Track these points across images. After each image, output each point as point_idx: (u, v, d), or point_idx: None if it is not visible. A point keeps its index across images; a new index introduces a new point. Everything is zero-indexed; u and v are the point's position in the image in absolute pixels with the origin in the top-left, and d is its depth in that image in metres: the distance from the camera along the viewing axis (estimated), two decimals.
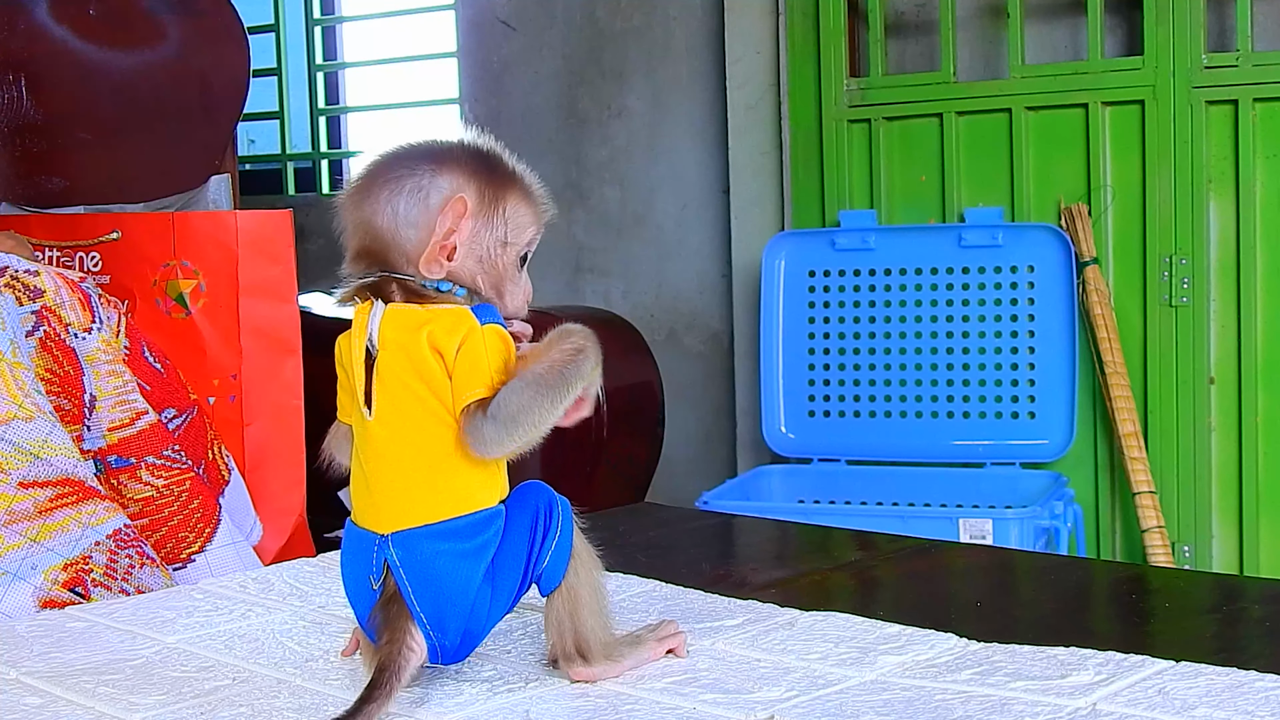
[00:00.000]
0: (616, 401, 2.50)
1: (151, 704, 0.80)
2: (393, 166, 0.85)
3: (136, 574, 1.13)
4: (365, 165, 0.86)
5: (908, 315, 2.65)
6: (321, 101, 3.95)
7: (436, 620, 0.79)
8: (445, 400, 0.81)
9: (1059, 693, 0.75)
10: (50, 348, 1.21)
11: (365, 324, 0.82)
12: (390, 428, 0.81)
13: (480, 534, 0.80)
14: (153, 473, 1.24)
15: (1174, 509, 2.51)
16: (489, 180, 0.86)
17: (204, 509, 1.26)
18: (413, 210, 0.83)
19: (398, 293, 0.83)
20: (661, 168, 3.18)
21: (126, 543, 1.13)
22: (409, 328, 0.81)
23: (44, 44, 2.21)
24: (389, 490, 0.80)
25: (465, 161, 0.85)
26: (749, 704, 0.76)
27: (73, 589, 1.08)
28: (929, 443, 2.62)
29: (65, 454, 1.13)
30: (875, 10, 2.71)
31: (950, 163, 2.67)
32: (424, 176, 0.84)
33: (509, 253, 0.86)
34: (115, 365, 1.26)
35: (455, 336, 0.81)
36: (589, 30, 3.26)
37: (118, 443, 1.23)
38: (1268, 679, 0.75)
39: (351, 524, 0.83)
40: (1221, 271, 2.49)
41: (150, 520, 1.23)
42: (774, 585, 1.05)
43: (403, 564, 0.79)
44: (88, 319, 1.25)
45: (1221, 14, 2.51)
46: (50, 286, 1.24)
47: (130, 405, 1.25)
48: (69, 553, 1.09)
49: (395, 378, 0.81)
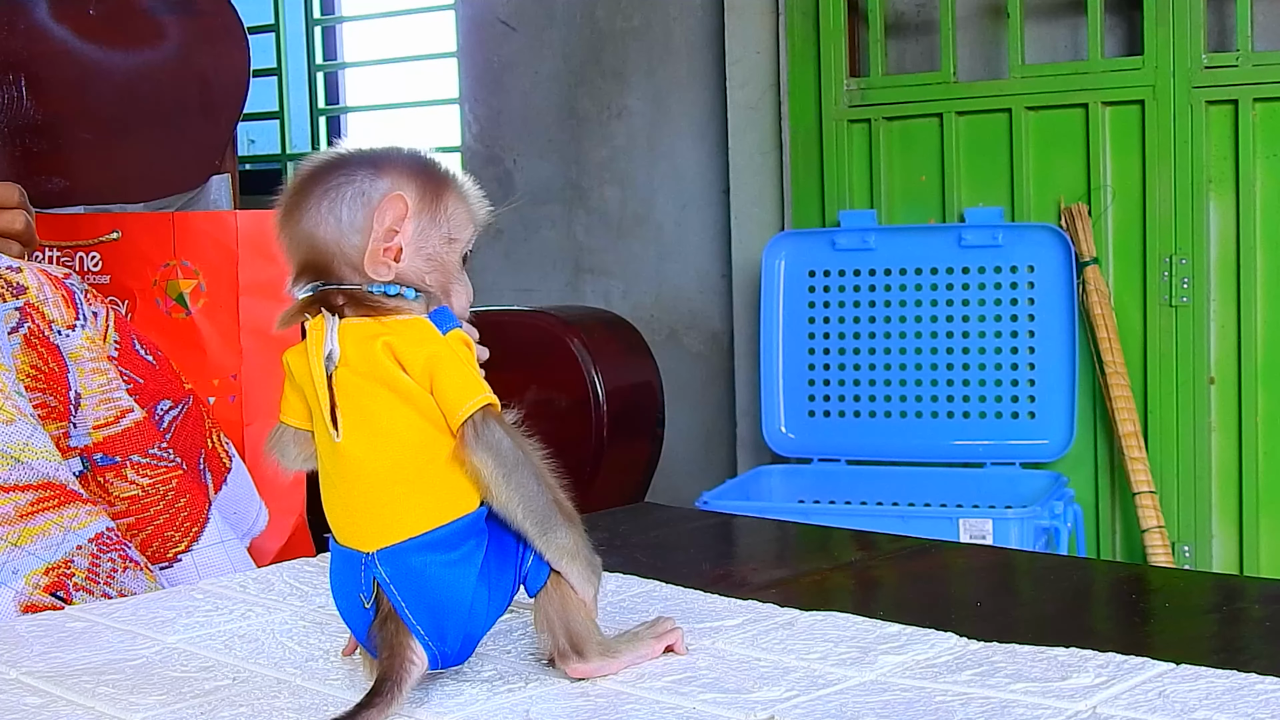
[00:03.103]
0: (616, 401, 2.50)
1: (151, 704, 0.80)
2: (329, 175, 0.81)
3: (119, 577, 1.12)
4: (298, 177, 0.82)
5: (908, 315, 2.65)
6: (321, 101, 3.95)
7: (436, 631, 0.78)
8: (418, 408, 0.78)
9: (1059, 695, 0.75)
10: (34, 344, 1.19)
11: (321, 340, 0.79)
12: (362, 444, 0.78)
13: (467, 539, 0.79)
14: (138, 471, 1.22)
15: (1174, 509, 2.51)
16: (427, 179, 0.83)
17: (191, 508, 1.24)
18: (356, 216, 0.80)
19: (348, 305, 0.80)
20: (661, 168, 3.18)
21: (109, 546, 1.12)
22: (365, 338, 0.78)
23: (44, 44, 2.21)
24: (368, 508, 0.78)
25: (401, 163, 0.82)
26: (749, 704, 0.76)
27: (54, 593, 1.07)
28: (929, 443, 2.62)
29: (46, 457, 1.12)
30: (875, 10, 2.71)
31: (950, 163, 2.67)
32: (363, 181, 0.81)
33: (454, 250, 0.84)
34: (99, 363, 1.24)
35: (421, 348, 0.78)
36: (589, 30, 3.26)
37: (103, 440, 1.22)
38: (1268, 681, 0.75)
39: (335, 543, 0.80)
40: (1221, 271, 2.49)
41: (136, 519, 1.22)
42: (774, 585, 1.05)
43: (393, 580, 0.77)
44: (71, 316, 1.24)
45: (1221, 14, 2.51)
46: (33, 283, 1.22)
47: (115, 403, 1.23)
48: (50, 557, 1.08)
49: (361, 392, 0.78)
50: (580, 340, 2.50)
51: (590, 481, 2.45)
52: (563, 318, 2.57)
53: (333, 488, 0.80)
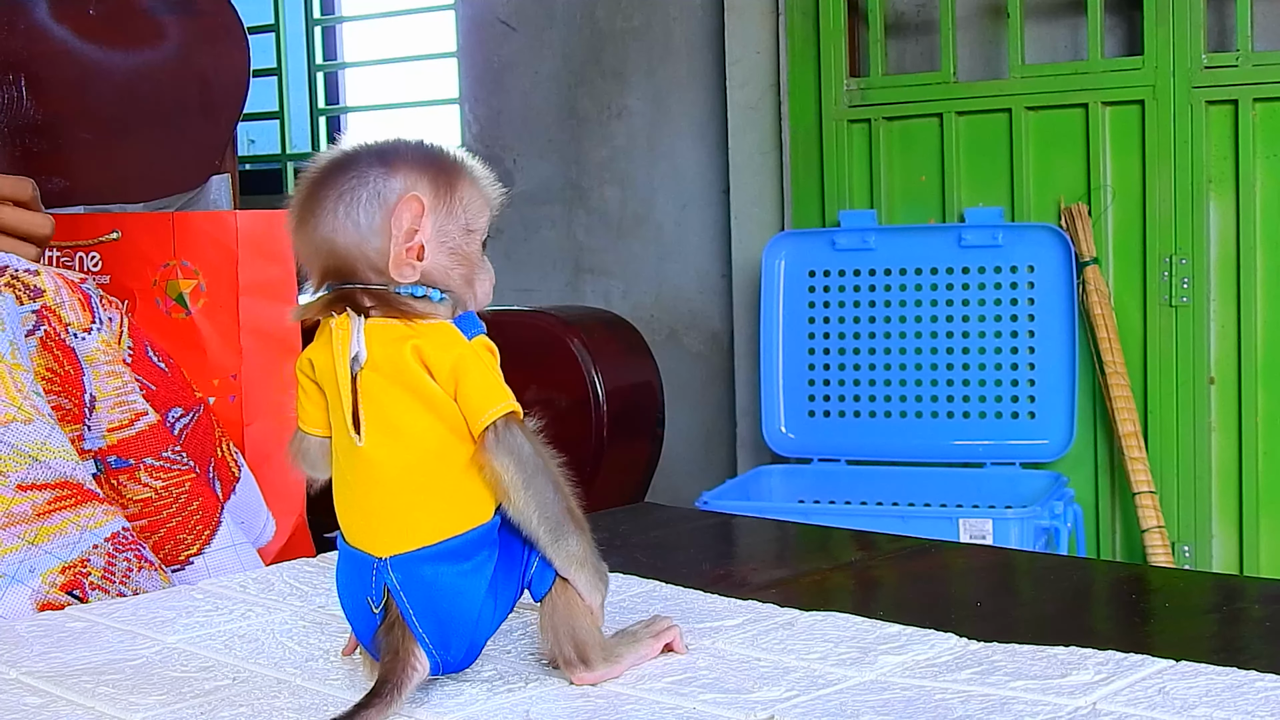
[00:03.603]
0: (616, 401, 2.50)
1: (151, 704, 0.80)
2: (340, 177, 0.79)
3: (134, 577, 1.12)
4: (308, 179, 0.80)
5: (908, 315, 2.65)
6: (321, 101, 3.95)
7: (441, 640, 0.78)
8: (441, 414, 0.77)
9: (1059, 692, 0.75)
10: (50, 347, 1.20)
11: (347, 340, 0.78)
12: (382, 449, 0.77)
13: (480, 550, 0.78)
14: (152, 474, 1.23)
15: (1174, 509, 2.51)
16: (439, 171, 0.81)
17: (203, 511, 1.25)
18: (374, 219, 0.78)
19: (375, 306, 0.78)
20: (661, 168, 3.18)
21: (125, 546, 1.13)
22: (393, 340, 0.77)
23: (44, 44, 2.21)
24: (384, 513, 0.77)
25: (412, 157, 0.80)
26: (749, 704, 0.76)
27: (70, 592, 1.08)
28: (929, 443, 2.63)
29: (64, 456, 1.12)
30: (875, 10, 2.71)
31: (950, 163, 2.67)
32: (377, 181, 0.79)
33: (474, 239, 0.83)
34: (114, 366, 1.25)
35: (449, 352, 0.77)
36: (589, 30, 3.26)
37: (117, 443, 1.22)
38: (1268, 679, 0.75)
39: (345, 543, 0.79)
40: (1221, 271, 2.49)
41: (149, 521, 1.22)
42: (774, 585, 1.05)
43: (404, 588, 0.77)
44: (87, 319, 1.24)
45: (1221, 14, 2.51)
46: (50, 286, 1.23)
47: (129, 406, 1.24)
48: (67, 555, 1.09)
49: (385, 395, 0.77)
50: (580, 340, 2.50)
51: (590, 481, 2.45)
52: (563, 318, 2.57)
53: (347, 489, 0.79)
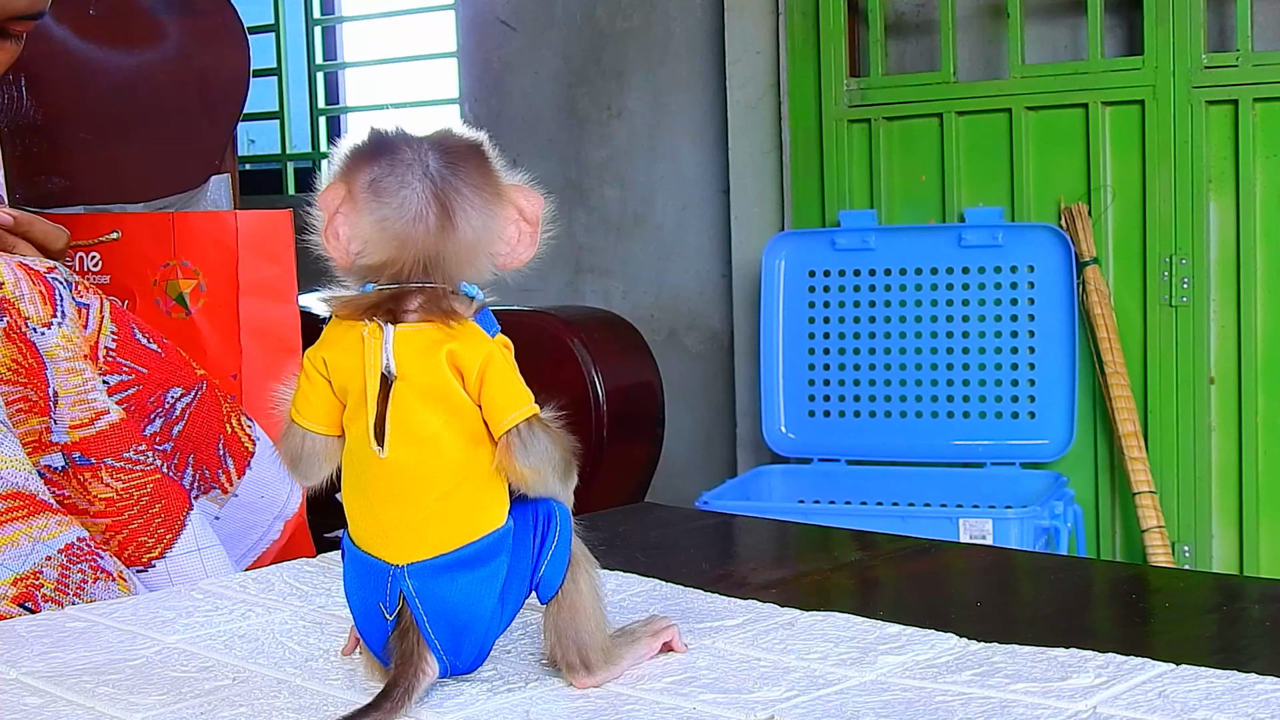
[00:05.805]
0: (616, 401, 2.50)
1: (151, 704, 0.80)
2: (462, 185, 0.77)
3: (89, 588, 1.10)
4: (385, 161, 0.76)
5: (908, 315, 2.65)
6: (321, 101, 3.95)
7: (452, 646, 0.78)
8: (464, 422, 0.76)
9: (1059, 695, 0.75)
10: (14, 339, 1.17)
11: (378, 351, 0.76)
12: (405, 459, 0.76)
13: (494, 557, 0.78)
14: (113, 475, 1.19)
15: (1174, 509, 2.51)
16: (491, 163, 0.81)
17: (166, 513, 1.21)
18: (493, 219, 0.78)
19: (421, 308, 0.76)
20: (661, 168, 3.18)
21: (79, 557, 1.10)
22: (428, 347, 0.76)
23: (44, 44, 2.21)
24: (403, 523, 0.76)
25: (483, 143, 0.79)
26: (749, 704, 0.76)
27: (23, 604, 1.06)
28: (929, 443, 2.63)
29: (16, 466, 1.09)
30: (875, 10, 2.71)
31: (950, 163, 2.68)
32: (480, 176, 0.77)
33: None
34: (75, 363, 1.21)
35: (479, 350, 0.76)
36: (589, 30, 3.26)
37: (79, 441, 1.19)
38: (1268, 681, 0.75)
39: (355, 547, 0.78)
40: (1221, 271, 2.49)
41: (113, 521, 1.20)
42: (774, 585, 1.05)
43: (420, 596, 0.76)
44: (48, 313, 1.20)
45: (1221, 14, 2.51)
46: (9, 278, 1.18)
47: (90, 405, 1.20)
48: (19, 567, 1.06)
49: (414, 407, 0.76)
50: (580, 340, 2.50)
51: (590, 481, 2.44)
52: (563, 318, 2.57)
53: (361, 494, 0.78)
